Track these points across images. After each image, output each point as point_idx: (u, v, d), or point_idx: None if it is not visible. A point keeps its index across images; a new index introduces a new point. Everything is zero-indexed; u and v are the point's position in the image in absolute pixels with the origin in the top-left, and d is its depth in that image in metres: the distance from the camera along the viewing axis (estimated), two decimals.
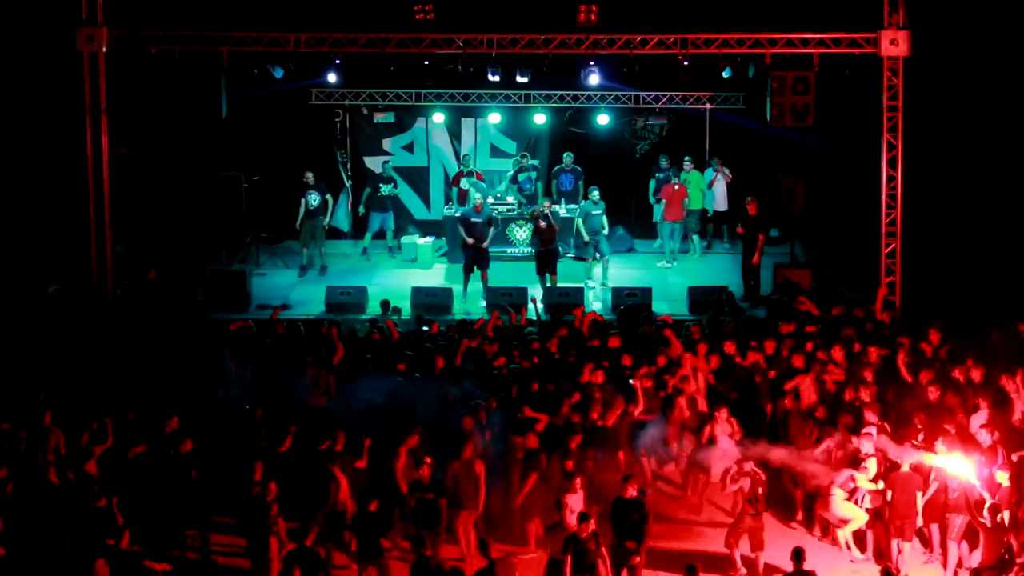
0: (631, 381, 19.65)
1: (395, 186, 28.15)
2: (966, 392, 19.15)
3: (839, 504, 17.64)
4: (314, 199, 26.97)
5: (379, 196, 27.99)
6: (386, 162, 28.42)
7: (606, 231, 26.27)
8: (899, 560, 17.17)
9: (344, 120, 28.92)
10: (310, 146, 28.46)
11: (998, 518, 16.47)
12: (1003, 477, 16.98)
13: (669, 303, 24.97)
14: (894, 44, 23.92)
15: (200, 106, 25.57)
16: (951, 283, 25.10)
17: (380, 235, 28.27)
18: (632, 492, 16.92)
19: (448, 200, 28.29)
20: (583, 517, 16.23)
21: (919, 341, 20.79)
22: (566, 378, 19.80)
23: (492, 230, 25.74)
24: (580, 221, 26.22)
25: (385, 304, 23.71)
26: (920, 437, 18.03)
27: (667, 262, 27.41)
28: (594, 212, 26.22)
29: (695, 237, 27.95)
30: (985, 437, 17.64)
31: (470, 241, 25.36)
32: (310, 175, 27.00)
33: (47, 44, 25.52)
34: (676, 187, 27.33)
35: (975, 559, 16.90)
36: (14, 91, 26.24)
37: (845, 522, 17.72)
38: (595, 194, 26.30)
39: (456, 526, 17.66)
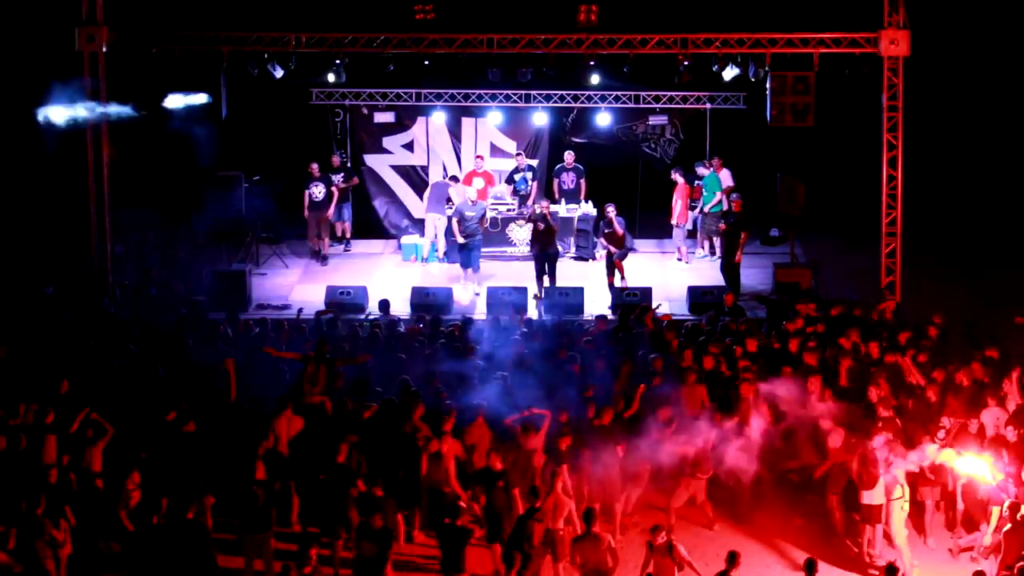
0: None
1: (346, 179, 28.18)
2: (970, 391, 19.16)
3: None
4: (320, 191, 27.04)
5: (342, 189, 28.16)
6: (342, 152, 28.49)
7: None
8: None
9: (344, 120, 28.94)
10: (310, 146, 28.43)
11: (1019, 516, 16.51)
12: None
13: (669, 303, 24.94)
14: (894, 44, 23.93)
15: (200, 106, 25.57)
16: (951, 282, 25.13)
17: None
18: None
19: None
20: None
21: (920, 340, 20.82)
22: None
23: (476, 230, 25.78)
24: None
25: (385, 304, 23.72)
26: (941, 435, 18.19)
27: (685, 261, 27.48)
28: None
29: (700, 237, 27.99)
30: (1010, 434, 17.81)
31: (460, 240, 25.49)
32: (316, 167, 27.07)
33: (47, 44, 25.52)
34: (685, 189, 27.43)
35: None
36: (14, 91, 26.22)
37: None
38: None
39: None
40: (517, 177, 28.10)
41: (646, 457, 18.25)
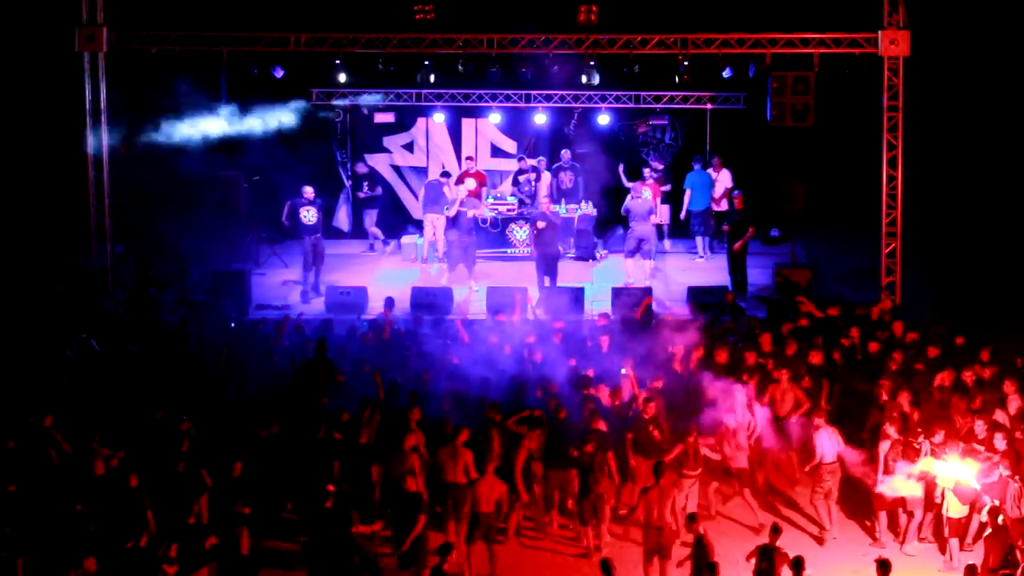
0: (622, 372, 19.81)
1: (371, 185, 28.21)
2: (973, 392, 19.16)
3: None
4: (311, 215, 26.09)
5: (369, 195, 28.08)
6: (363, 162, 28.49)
7: None
8: None
9: (344, 120, 28.91)
10: (310, 146, 28.41)
11: (999, 520, 16.56)
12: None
13: (669, 303, 24.96)
14: (894, 44, 23.94)
15: (200, 106, 25.57)
16: (951, 283, 25.16)
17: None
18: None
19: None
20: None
21: (924, 343, 20.82)
22: None
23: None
24: None
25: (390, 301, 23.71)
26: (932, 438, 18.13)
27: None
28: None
29: (699, 238, 27.98)
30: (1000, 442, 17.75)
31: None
32: (310, 190, 26.16)
33: (47, 44, 25.54)
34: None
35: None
36: (14, 91, 26.26)
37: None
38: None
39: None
40: (522, 179, 28.07)
41: None
